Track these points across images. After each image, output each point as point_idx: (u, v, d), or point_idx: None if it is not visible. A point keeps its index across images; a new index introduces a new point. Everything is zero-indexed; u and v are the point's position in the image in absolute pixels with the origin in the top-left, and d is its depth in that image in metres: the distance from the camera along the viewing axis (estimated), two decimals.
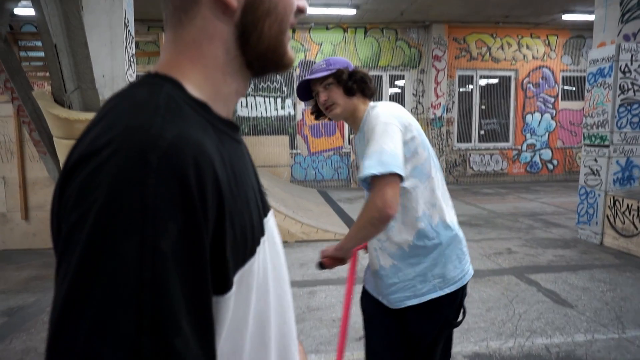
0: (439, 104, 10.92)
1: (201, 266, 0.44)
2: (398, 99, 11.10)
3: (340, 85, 1.61)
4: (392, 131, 1.44)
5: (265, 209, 0.67)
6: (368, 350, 1.71)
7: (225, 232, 0.49)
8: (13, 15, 8.26)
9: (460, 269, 1.58)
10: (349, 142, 10.88)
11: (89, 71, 4.00)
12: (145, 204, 0.40)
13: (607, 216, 5.44)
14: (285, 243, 5.57)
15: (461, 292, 1.58)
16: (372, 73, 10.85)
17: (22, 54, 5.99)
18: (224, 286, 0.50)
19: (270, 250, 0.64)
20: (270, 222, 0.68)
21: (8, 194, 5.53)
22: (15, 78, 4.80)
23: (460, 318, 1.62)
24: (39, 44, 4.74)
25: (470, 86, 11.44)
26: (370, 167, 1.37)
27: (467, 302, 2.65)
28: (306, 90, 1.71)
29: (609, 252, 5.14)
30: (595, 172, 5.64)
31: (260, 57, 0.60)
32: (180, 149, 0.44)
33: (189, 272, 0.43)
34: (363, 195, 2.00)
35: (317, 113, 1.74)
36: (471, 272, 1.62)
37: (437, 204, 1.56)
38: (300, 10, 0.63)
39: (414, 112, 11.02)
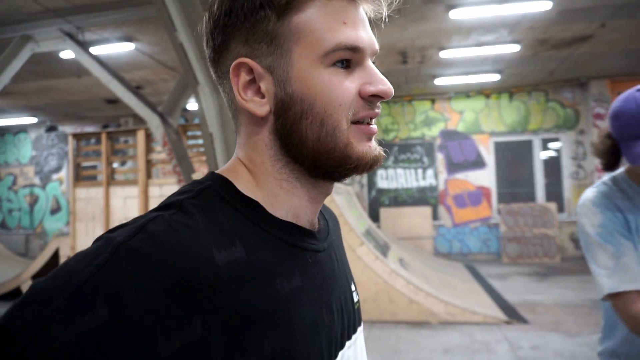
0: None
1: None
2: (553, 163, 10.05)
3: None
4: None
5: (348, 332, 0.56)
6: None
7: None
8: (186, 110, 9.79)
9: None
10: (498, 212, 10.04)
11: None
12: None
13: None
14: (427, 324, 5.15)
15: None
16: (521, 138, 10.13)
17: (190, 142, 6.93)
18: None
19: None
20: (355, 348, 0.56)
21: None
22: (182, 163, 5.54)
23: None
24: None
25: None
26: None
27: None
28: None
29: None
30: None
31: (314, 163, 0.52)
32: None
33: None
34: (517, 271, 1.71)
35: (612, 165, 1.34)
36: None
37: None
38: (377, 96, 0.51)
39: (575, 177, 9.83)
